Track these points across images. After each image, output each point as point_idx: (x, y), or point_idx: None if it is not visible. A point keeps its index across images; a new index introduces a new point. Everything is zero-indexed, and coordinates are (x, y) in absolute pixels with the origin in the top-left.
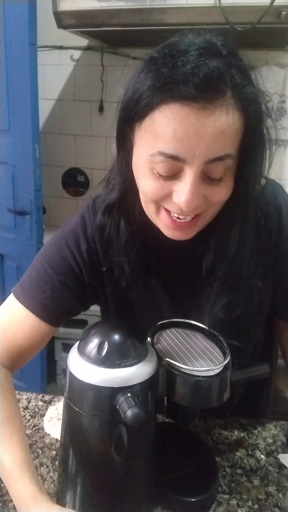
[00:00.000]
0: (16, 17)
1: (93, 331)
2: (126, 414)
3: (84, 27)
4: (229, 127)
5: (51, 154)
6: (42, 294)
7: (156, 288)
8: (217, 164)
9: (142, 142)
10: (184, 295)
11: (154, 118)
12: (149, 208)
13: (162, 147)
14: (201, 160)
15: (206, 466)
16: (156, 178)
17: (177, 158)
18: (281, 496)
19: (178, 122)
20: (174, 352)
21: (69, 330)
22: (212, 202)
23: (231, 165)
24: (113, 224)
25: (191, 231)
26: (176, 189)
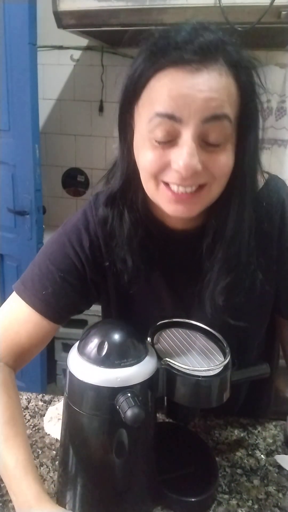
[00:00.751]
0: (16, 17)
1: (93, 331)
2: (126, 414)
3: (84, 27)
4: (223, 88)
5: (51, 154)
6: (44, 290)
7: (158, 283)
8: (214, 125)
9: (141, 118)
10: (186, 290)
11: (150, 88)
12: (148, 185)
13: (158, 108)
14: (197, 118)
15: (206, 466)
16: (154, 148)
17: (173, 117)
18: (281, 496)
19: (172, 83)
20: (174, 352)
21: (69, 330)
22: (213, 173)
23: (229, 131)
24: (116, 214)
25: (194, 206)
26: (174, 155)
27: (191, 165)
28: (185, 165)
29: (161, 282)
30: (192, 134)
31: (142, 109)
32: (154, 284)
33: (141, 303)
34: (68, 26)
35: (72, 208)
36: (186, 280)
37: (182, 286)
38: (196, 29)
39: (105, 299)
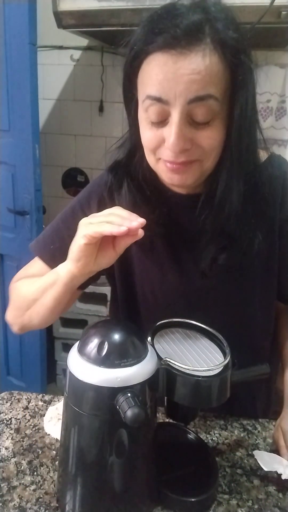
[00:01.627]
0: (16, 17)
1: (93, 331)
2: (126, 414)
3: (84, 27)
4: (206, 69)
5: (51, 154)
6: (52, 245)
7: (160, 250)
8: (199, 105)
9: (139, 95)
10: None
11: (143, 69)
12: (150, 159)
13: (148, 91)
14: (182, 100)
15: (206, 466)
16: (150, 127)
17: (161, 99)
18: (281, 496)
19: (158, 67)
20: (174, 352)
21: (69, 330)
22: (203, 148)
23: (216, 109)
24: (117, 180)
25: (188, 176)
26: (165, 134)
27: (179, 145)
28: (173, 145)
29: (163, 249)
30: (180, 115)
31: (140, 87)
32: (156, 251)
33: (142, 269)
34: (68, 26)
35: None
36: (186, 246)
37: (183, 251)
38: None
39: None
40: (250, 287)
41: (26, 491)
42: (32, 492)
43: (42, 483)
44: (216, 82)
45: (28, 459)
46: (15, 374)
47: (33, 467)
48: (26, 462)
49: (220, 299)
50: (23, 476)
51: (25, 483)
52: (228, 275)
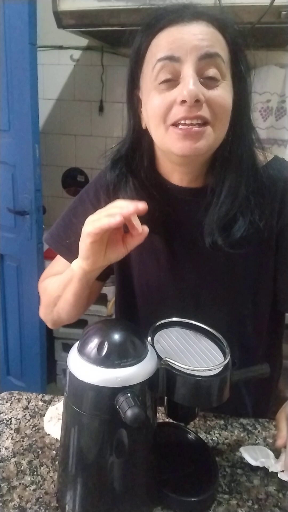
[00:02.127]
0: (16, 17)
1: (93, 331)
2: (126, 414)
3: (84, 27)
4: (211, 33)
5: (51, 154)
6: (67, 239)
7: (157, 245)
8: (209, 61)
9: (146, 78)
10: (182, 254)
11: (150, 48)
12: (158, 131)
13: (159, 55)
14: (193, 55)
15: (206, 466)
16: (160, 92)
17: (173, 57)
18: (281, 496)
19: (168, 35)
20: (174, 352)
21: (69, 330)
22: (214, 109)
23: (223, 68)
24: (120, 178)
25: (201, 142)
26: (178, 91)
27: (194, 91)
28: (189, 91)
29: (160, 243)
30: (192, 69)
31: (146, 68)
32: (153, 246)
33: (140, 262)
34: (68, 26)
35: None
36: (183, 242)
37: (179, 247)
38: (185, 4)
39: None
40: (242, 288)
41: (26, 491)
42: (32, 492)
43: (42, 483)
44: (221, 47)
45: (28, 459)
46: (15, 374)
47: (33, 467)
48: (26, 462)
49: (212, 297)
50: (23, 476)
51: (25, 483)
52: (222, 274)
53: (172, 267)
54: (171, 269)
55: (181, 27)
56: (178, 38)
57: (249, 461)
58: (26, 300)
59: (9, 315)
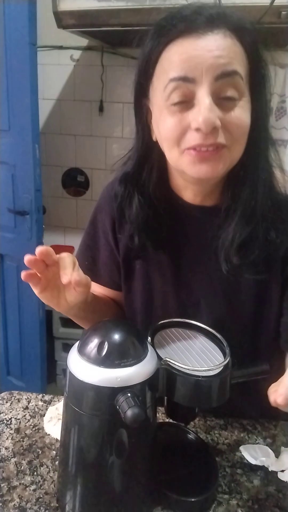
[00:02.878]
0: (16, 17)
1: (93, 331)
2: (126, 414)
3: (84, 27)
4: (229, 47)
5: (51, 154)
6: (86, 261)
7: (163, 260)
8: (226, 81)
9: (156, 92)
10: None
11: (161, 61)
12: (172, 153)
13: (171, 74)
14: (209, 76)
15: (206, 466)
16: (173, 113)
17: (187, 78)
18: (281, 496)
19: (182, 49)
20: (174, 352)
21: (69, 330)
22: (231, 132)
23: (241, 87)
24: (126, 194)
25: (217, 165)
26: (193, 115)
27: (210, 119)
28: (204, 119)
29: (167, 260)
30: (207, 91)
31: (157, 82)
32: (159, 261)
33: (144, 275)
34: (68, 26)
35: (72, 208)
36: (189, 260)
37: (185, 264)
38: (199, 6)
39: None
40: (244, 312)
41: (26, 491)
42: (32, 492)
43: (42, 483)
44: (239, 61)
45: (28, 459)
46: (15, 374)
47: (33, 467)
48: (26, 462)
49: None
50: (23, 476)
51: (25, 483)
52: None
53: (176, 282)
54: (176, 285)
55: (195, 40)
56: (192, 56)
57: (249, 460)
58: (26, 300)
59: (9, 315)
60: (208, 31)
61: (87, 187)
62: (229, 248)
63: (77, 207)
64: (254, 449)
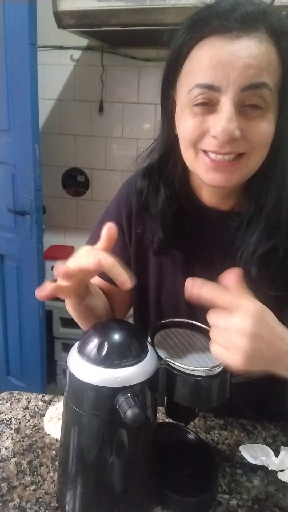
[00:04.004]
0: (16, 17)
1: (93, 331)
2: (126, 414)
3: (84, 27)
4: (262, 55)
5: (51, 154)
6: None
7: (176, 259)
8: (252, 93)
9: (182, 88)
10: (203, 274)
11: (191, 58)
12: (188, 154)
13: (198, 79)
14: (236, 86)
15: (206, 466)
16: (194, 115)
17: (213, 87)
18: (281, 496)
19: (213, 50)
20: (174, 352)
21: (69, 330)
22: (252, 142)
23: (268, 99)
24: (152, 187)
25: (232, 175)
26: (213, 122)
27: (229, 130)
28: (223, 130)
29: (180, 258)
30: (231, 101)
31: (184, 79)
32: (173, 259)
33: (158, 272)
34: (68, 26)
35: (72, 208)
36: (205, 259)
37: (197, 264)
38: (238, 1)
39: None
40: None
41: (26, 491)
42: (32, 492)
43: (42, 483)
44: (271, 71)
45: (28, 459)
46: (15, 374)
47: (33, 467)
48: (26, 462)
49: None
50: (23, 476)
51: (25, 483)
52: None
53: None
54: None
55: (227, 43)
56: (221, 62)
57: (248, 459)
58: (26, 300)
59: (9, 315)
60: (242, 33)
61: (87, 187)
62: (249, 259)
63: (77, 207)
64: (253, 448)
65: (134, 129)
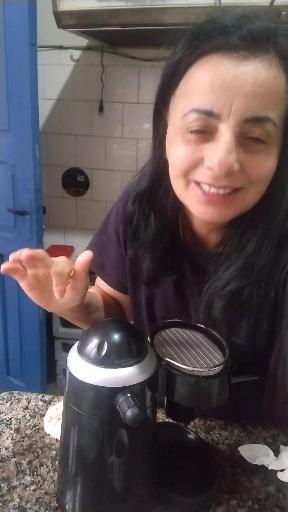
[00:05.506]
0: (16, 17)
1: (92, 331)
2: (125, 414)
3: (84, 27)
4: (270, 82)
5: (51, 154)
6: (99, 258)
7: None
8: (255, 125)
9: (176, 109)
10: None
11: (189, 77)
12: (177, 183)
13: (196, 103)
14: (238, 115)
15: (206, 466)
16: (187, 142)
17: (212, 113)
18: (281, 496)
19: (214, 71)
20: (174, 352)
21: (69, 330)
22: (251, 176)
23: (273, 133)
24: (141, 216)
25: (225, 210)
26: (209, 151)
27: (227, 163)
28: (220, 162)
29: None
30: (231, 130)
31: (179, 100)
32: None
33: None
34: (68, 26)
35: (72, 208)
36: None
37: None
38: (246, 15)
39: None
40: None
41: (26, 491)
42: (32, 492)
43: (42, 483)
44: (277, 102)
45: (28, 459)
46: (15, 374)
47: (33, 467)
48: (26, 462)
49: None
50: (23, 476)
51: (25, 483)
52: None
53: (177, 305)
54: (176, 307)
55: (232, 63)
56: (223, 86)
57: (248, 459)
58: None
59: (9, 315)
60: (250, 54)
61: (87, 187)
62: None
63: (77, 207)
64: (253, 448)
65: (134, 129)
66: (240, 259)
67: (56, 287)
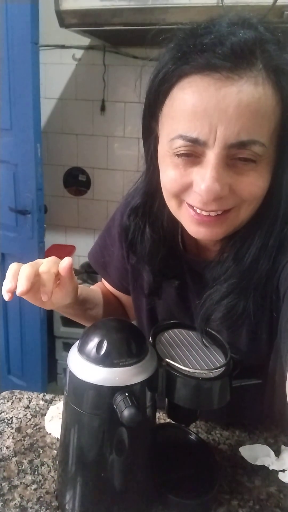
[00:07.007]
0: (18, 16)
1: (93, 330)
2: (122, 414)
3: (86, 26)
4: (255, 103)
5: (53, 153)
6: (102, 258)
7: (169, 290)
8: (241, 149)
9: (164, 129)
10: (194, 303)
11: (173, 98)
12: (171, 203)
13: (182, 129)
14: (221, 143)
15: (207, 467)
16: (175, 166)
17: (198, 141)
18: (282, 496)
19: (197, 95)
20: (175, 353)
21: (69, 329)
22: (242, 196)
23: (262, 153)
24: (137, 229)
25: (218, 229)
26: (197, 176)
27: (214, 190)
28: (207, 190)
29: (174, 293)
30: (217, 156)
31: (165, 121)
32: (166, 292)
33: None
34: (70, 25)
35: (74, 207)
36: (195, 290)
37: (191, 294)
38: (231, 26)
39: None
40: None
41: (27, 490)
42: (33, 492)
43: (43, 482)
44: (265, 121)
45: (29, 458)
46: (16, 373)
47: (34, 467)
48: (27, 462)
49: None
50: (24, 475)
51: (26, 482)
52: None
53: (179, 311)
54: (181, 311)
55: (214, 86)
56: (207, 110)
57: (249, 460)
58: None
59: (10, 314)
60: (233, 74)
61: (88, 187)
62: (212, 304)
63: (78, 206)
64: (254, 448)
65: (135, 129)
66: (236, 275)
67: (42, 288)
